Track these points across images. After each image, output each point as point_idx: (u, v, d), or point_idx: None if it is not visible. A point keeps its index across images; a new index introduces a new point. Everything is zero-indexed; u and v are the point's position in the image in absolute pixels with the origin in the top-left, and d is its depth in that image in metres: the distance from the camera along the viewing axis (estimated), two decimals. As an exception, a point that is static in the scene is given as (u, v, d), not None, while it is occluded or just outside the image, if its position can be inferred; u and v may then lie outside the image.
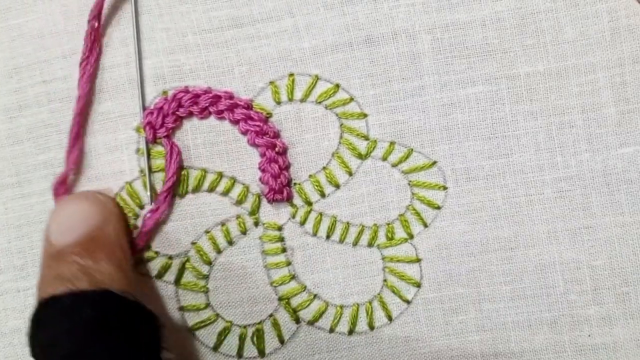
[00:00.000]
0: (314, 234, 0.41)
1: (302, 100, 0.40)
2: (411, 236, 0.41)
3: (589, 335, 0.40)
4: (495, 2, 0.39)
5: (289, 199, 0.40)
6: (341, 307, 0.41)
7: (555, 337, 0.40)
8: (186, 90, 0.40)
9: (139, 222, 0.40)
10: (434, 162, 0.40)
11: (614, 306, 0.40)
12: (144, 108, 0.40)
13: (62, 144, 0.40)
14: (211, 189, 0.40)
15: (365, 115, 0.40)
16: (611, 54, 0.39)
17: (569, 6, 0.39)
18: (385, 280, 0.41)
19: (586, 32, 0.39)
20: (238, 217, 0.40)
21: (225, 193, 0.40)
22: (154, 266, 0.40)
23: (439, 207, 0.40)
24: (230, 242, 0.41)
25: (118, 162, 0.40)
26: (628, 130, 0.39)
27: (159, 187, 0.40)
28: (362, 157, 0.40)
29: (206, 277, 0.41)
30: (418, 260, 0.41)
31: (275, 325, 0.41)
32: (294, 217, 0.41)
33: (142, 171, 0.40)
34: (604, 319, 0.40)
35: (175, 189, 0.40)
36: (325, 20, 0.40)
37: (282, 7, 0.40)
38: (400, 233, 0.41)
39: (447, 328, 0.41)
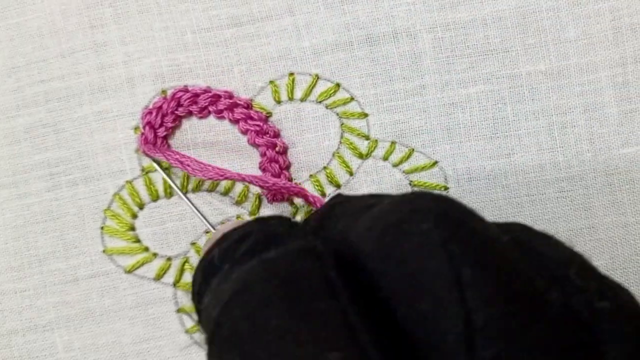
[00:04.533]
0: (314, 235, 0.40)
1: (303, 100, 0.40)
2: (412, 237, 0.40)
3: (592, 337, 0.40)
4: (497, 1, 0.39)
5: (289, 199, 0.40)
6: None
7: (558, 339, 0.40)
8: (185, 90, 0.40)
9: (137, 223, 0.40)
10: (435, 162, 0.40)
11: (616, 307, 0.40)
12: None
13: (60, 143, 0.40)
14: (211, 189, 0.40)
15: (365, 115, 0.40)
16: (613, 53, 0.39)
17: (571, 5, 0.39)
18: (385, 282, 0.40)
19: (588, 31, 0.39)
20: (238, 217, 0.40)
21: (226, 193, 0.40)
22: (153, 268, 0.40)
23: (440, 208, 0.40)
24: (230, 243, 0.40)
25: (117, 162, 0.40)
26: (630, 130, 0.39)
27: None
28: (362, 156, 0.40)
29: (205, 278, 0.40)
30: (419, 261, 0.40)
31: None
32: (294, 217, 0.40)
33: (143, 170, 0.40)
34: (606, 320, 0.40)
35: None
36: (326, 19, 0.39)
37: (282, 6, 0.39)
38: (401, 234, 0.40)
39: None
